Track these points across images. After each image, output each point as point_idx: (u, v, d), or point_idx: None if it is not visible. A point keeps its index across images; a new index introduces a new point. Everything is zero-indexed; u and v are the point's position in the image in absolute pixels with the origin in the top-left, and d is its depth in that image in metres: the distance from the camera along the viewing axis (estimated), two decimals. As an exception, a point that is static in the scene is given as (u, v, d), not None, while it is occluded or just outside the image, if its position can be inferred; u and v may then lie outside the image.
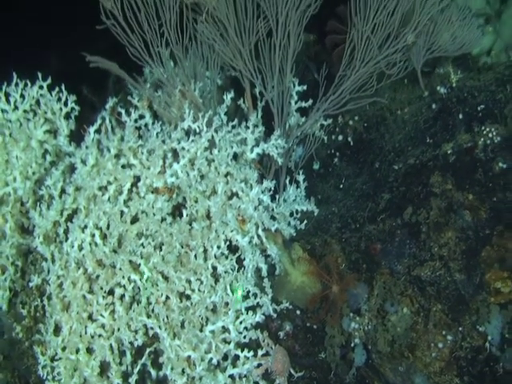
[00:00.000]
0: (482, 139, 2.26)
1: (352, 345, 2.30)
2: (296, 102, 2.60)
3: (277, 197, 2.47)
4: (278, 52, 2.53)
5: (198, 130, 2.26)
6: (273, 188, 2.30)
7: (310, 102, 2.59)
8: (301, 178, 2.51)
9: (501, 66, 2.55)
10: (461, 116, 2.37)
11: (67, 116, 2.28)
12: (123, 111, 2.20)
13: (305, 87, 2.60)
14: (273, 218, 2.35)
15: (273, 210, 2.36)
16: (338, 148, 2.77)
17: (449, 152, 2.30)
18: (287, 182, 2.54)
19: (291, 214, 2.45)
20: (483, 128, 2.27)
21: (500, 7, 3.61)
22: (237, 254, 2.23)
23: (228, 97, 2.43)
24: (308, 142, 2.67)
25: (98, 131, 2.21)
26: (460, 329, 2.11)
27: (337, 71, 2.63)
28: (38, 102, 2.26)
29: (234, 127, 2.36)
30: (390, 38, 2.55)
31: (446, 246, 2.19)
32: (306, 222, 2.39)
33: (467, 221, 2.20)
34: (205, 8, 2.42)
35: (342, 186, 2.63)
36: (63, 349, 2.08)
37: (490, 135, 2.25)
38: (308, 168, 2.77)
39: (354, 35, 2.54)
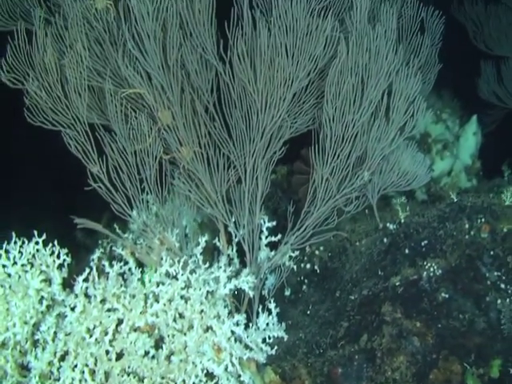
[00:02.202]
0: (425, 272, 2.56)
1: None
2: (266, 237, 2.92)
3: (250, 324, 2.75)
4: (248, 195, 2.88)
5: (174, 274, 2.57)
6: (244, 321, 2.59)
7: (279, 236, 2.91)
8: (272, 305, 2.80)
9: (442, 204, 2.87)
10: (407, 251, 2.68)
11: (60, 266, 2.60)
12: (106, 264, 2.52)
13: (274, 223, 2.93)
14: (246, 345, 2.63)
15: (247, 337, 2.64)
16: (306, 275, 3.07)
17: (397, 284, 2.59)
18: (260, 309, 2.82)
19: (264, 340, 2.72)
20: (426, 262, 2.58)
21: (458, 130, 3.99)
22: (214, 381, 2.49)
23: (203, 240, 2.76)
24: (279, 272, 2.98)
25: (86, 280, 2.52)
26: None
27: (303, 207, 2.97)
28: (34, 256, 2.59)
29: (207, 269, 2.67)
30: (347, 178, 2.89)
31: (398, 369, 2.45)
32: (276, 347, 2.66)
33: (416, 346, 2.47)
34: (180, 163, 2.79)
35: (309, 312, 2.91)
36: None
37: (432, 269, 2.56)
38: (280, 294, 3.06)
39: (315, 177, 2.89)
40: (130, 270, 2.69)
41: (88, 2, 2.73)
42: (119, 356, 2.50)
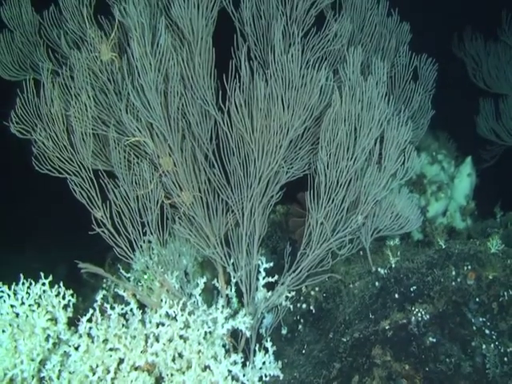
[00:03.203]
0: (414, 317, 2.67)
1: None
2: (264, 278, 3.05)
3: (247, 363, 2.87)
4: (245, 238, 3.00)
5: (174, 315, 2.70)
6: (241, 360, 2.71)
7: (276, 277, 3.04)
8: (269, 344, 2.92)
9: (431, 250, 2.98)
10: (397, 295, 2.79)
11: (65, 307, 2.74)
12: (108, 306, 2.65)
13: (272, 264, 3.05)
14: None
15: (244, 375, 2.76)
16: (302, 315, 3.18)
17: (387, 327, 2.70)
18: (257, 348, 2.93)
19: (260, 379, 2.84)
20: (414, 307, 2.69)
21: (453, 171, 4.10)
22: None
23: (201, 281, 2.89)
24: (276, 311, 3.10)
25: (89, 320, 2.65)
26: None
27: (299, 248, 3.09)
28: (41, 297, 2.73)
29: (205, 310, 2.80)
30: (341, 222, 3.01)
31: (388, 410, 2.55)
32: (272, 386, 2.78)
33: (405, 388, 2.57)
34: (181, 208, 2.92)
35: (304, 351, 3.01)
36: None
37: (420, 314, 2.66)
38: (277, 332, 3.17)
39: (310, 220, 3.01)
40: (131, 310, 2.82)
41: (94, 54, 2.88)
42: (120, 395, 2.63)
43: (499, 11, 4.97)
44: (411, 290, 2.79)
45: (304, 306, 3.19)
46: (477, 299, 2.66)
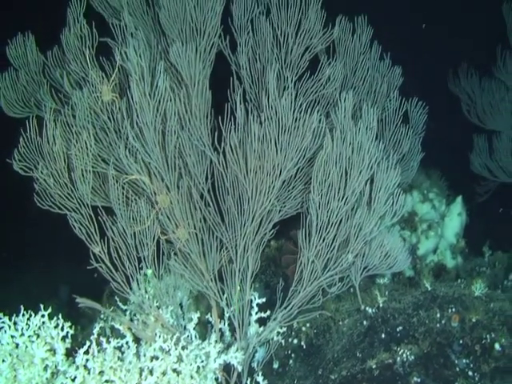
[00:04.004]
0: (399, 358, 2.76)
1: None
2: (256, 313, 3.14)
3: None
4: (238, 274, 3.10)
5: (167, 349, 2.79)
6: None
7: (268, 312, 3.13)
8: (260, 378, 3.02)
9: (417, 292, 3.08)
10: (383, 335, 2.90)
11: (64, 338, 2.83)
12: (104, 340, 2.74)
13: (264, 299, 3.15)
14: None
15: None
16: (293, 350, 3.27)
17: (373, 367, 2.79)
18: (248, 382, 3.02)
19: (251, 414, 2.94)
20: (400, 348, 2.78)
21: (444, 210, 4.21)
22: None
23: (195, 316, 2.99)
24: (268, 345, 3.19)
25: (86, 352, 2.74)
26: None
27: (291, 285, 3.19)
28: (40, 328, 2.83)
29: (199, 344, 2.90)
30: (331, 261, 3.11)
31: None
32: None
33: (392, 426, 2.66)
34: (176, 244, 3.02)
35: (294, 388, 3.11)
36: None
37: (405, 355, 2.77)
38: (268, 366, 3.26)
39: (302, 258, 3.11)
40: (127, 343, 2.91)
41: (95, 95, 3.00)
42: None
43: (494, 48, 5.11)
44: (397, 330, 2.89)
45: (295, 341, 3.28)
46: (460, 341, 2.76)
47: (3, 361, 2.80)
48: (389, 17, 4.67)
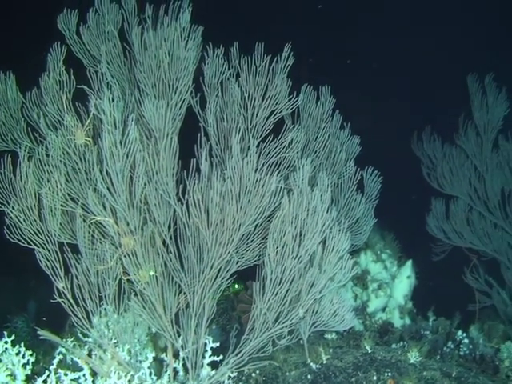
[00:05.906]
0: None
1: None
2: (210, 356, 3.35)
3: None
4: (194, 319, 3.32)
5: (123, 391, 3.00)
6: None
7: (221, 357, 3.34)
8: (208, 420, 3.23)
9: (359, 353, 3.32)
10: (325, 393, 3.14)
11: (25, 365, 3.01)
12: (62, 373, 2.94)
13: (218, 344, 3.35)
14: None
15: None
16: (245, 401, 3.48)
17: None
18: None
19: None
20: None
21: (395, 271, 4.48)
22: None
23: (150, 356, 3.21)
24: (219, 388, 3.41)
25: (44, 382, 2.94)
26: None
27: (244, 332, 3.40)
28: (2, 354, 3.01)
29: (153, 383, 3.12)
30: (282, 315, 3.33)
31: None
32: None
33: None
34: (137, 286, 3.23)
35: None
36: None
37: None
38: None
39: (255, 310, 3.32)
40: (84, 375, 3.11)
41: (69, 137, 3.23)
42: None
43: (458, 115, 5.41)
44: (337, 387, 3.12)
45: (245, 391, 3.49)
46: (393, 405, 3.00)
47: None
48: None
